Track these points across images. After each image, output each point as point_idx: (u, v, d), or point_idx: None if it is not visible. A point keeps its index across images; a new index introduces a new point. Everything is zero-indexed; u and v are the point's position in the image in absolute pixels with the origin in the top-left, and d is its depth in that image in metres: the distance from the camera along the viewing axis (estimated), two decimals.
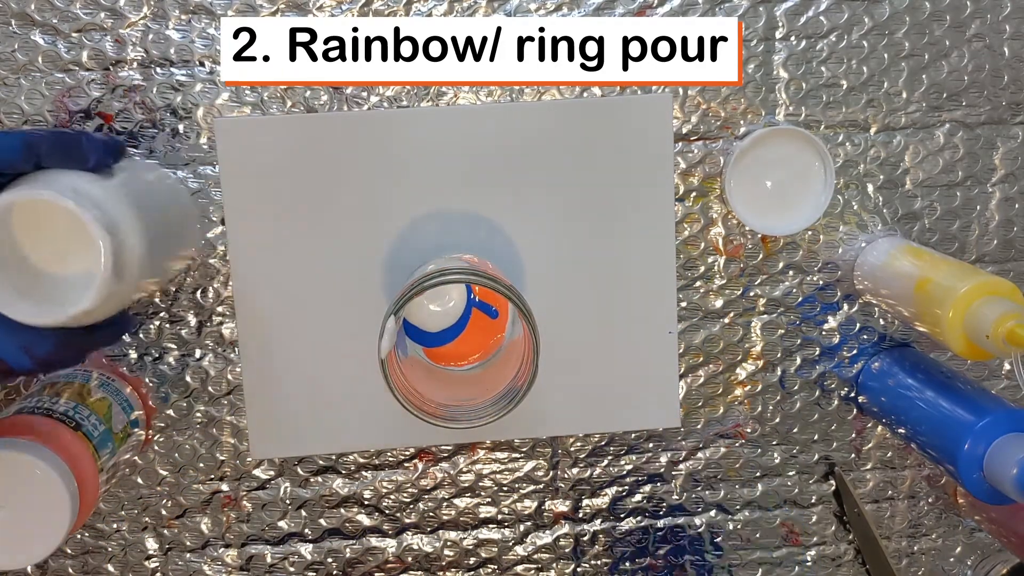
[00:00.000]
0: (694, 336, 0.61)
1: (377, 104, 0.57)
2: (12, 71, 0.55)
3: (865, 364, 0.62)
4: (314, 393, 0.58)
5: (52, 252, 0.44)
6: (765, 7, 0.58)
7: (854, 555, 0.64)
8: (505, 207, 0.58)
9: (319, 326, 0.58)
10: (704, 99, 0.59)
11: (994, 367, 0.63)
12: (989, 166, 0.61)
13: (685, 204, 0.59)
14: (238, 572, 0.62)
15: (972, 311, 0.49)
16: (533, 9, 0.57)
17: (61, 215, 0.42)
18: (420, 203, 0.57)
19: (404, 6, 0.57)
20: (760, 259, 0.61)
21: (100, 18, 0.55)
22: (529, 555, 0.63)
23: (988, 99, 0.60)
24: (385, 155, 0.57)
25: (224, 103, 0.57)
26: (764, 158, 0.58)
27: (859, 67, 0.59)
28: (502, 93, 0.58)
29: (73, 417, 0.51)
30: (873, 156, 0.60)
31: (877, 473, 0.64)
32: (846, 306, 0.62)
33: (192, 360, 0.59)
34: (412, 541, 0.62)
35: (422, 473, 0.62)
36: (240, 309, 0.57)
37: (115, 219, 0.44)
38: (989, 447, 0.50)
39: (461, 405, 0.49)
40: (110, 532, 0.60)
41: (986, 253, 0.62)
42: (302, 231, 0.57)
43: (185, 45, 0.56)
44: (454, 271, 0.48)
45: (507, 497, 0.62)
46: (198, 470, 0.60)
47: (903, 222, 0.61)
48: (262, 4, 0.56)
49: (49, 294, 0.44)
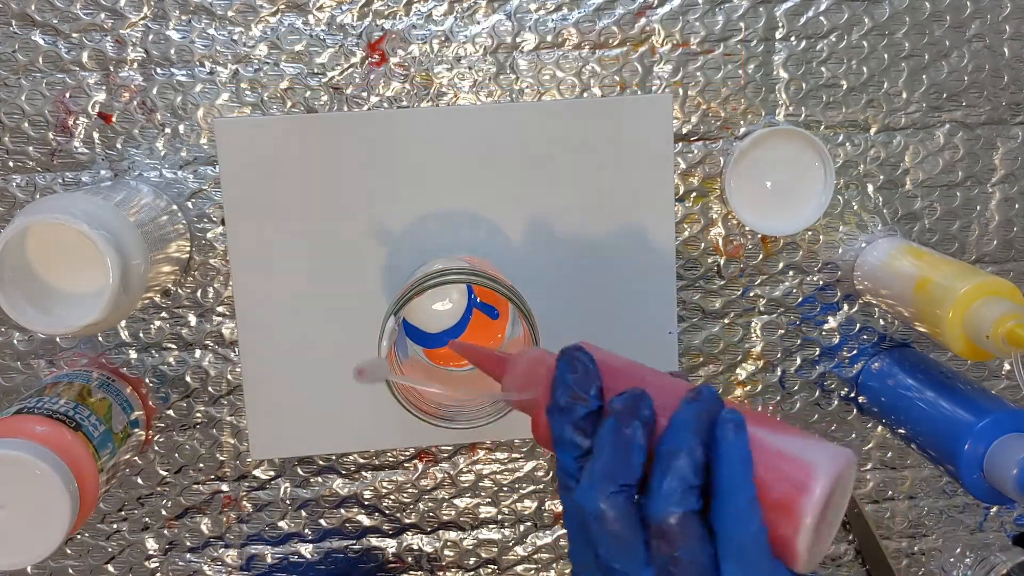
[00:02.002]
0: (694, 336, 0.61)
1: (377, 104, 0.57)
2: (12, 71, 0.55)
3: (865, 364, 0.62)
4: (314, 393, 0.58)
5: (63, 268, 0.49)
6: (765, 7, 0.58)
7: (854, 555, 0.64)
8: (505, 207, 0.58)
9: (319, 326, 0.58)
10: (704, 99, 0.59)
11: (994, 367, 0.63)
12: (989, 166, 0.61)
13: (685, 204, 0.59)
14: (238, 572, 0.62)
15: (972, 311, 0.49)
16: (533, 9, 0.57)
17: (72, 235, 0.47)
18: (420, 203, 0.57)
19: (404, 6, 0.57)
20: (760, 259, 0.61)
21: (100, 18, 0.55)
22: (529, 555, 0.63)
23: (988, 99, 0.60)
24: (385, 155, 0.57)
25: (224, 103, 0.57)
26: (764, 158, 0.58)
27: (859, 67, 0.59)
28: (502, 93, 0.58)
29: (73, 417, 0.51)
30: (873, 156, 0.60)
31: (877, 473, 0.64)
32: (846, 306, 0.62)
33: (192, 360, 0.59)
34: (412, 541, 0.62)
35: (422, 473, 0.62)
36: (240, 309, 0.57)
37: (121, 238, 0.48)
38: (989, 447, 0.50)
39: (461, 405, 0.49)
40: (110, 532, 0.60)
41: (986, 253, 0.62)
42: (302, 231, 0.57)
43: (185, 45, 0.56)
44: (454, 271, 0.48)
45: (507, 497, 0.62)
46: (198, 470, 0.60)
47: (903, 222, 0.61)
48: (262, 4, 0.56)
49: (61, 307, 0.49)
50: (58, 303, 0.49)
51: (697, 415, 0.32)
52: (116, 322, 0.58)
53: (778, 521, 0.31)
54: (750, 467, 0.31)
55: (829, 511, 0.32)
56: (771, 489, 0.31)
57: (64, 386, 0.54)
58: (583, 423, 0.34)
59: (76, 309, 0.48)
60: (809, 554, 0.31)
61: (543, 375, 0.37)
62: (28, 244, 0.49)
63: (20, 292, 0.48)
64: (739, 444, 0.31)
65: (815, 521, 0.31)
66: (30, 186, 0.57)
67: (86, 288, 0.49)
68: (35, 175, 0.57)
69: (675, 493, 0.31)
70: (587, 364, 0.35)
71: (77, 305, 0.49)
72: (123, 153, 0.57)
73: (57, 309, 0.49)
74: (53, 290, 0.50)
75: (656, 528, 0.31)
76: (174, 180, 0.57)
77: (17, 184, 0.57)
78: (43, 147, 0.56)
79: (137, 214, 0.52)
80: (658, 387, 0.35)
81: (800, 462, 0.32)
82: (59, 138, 0.56)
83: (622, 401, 0.33)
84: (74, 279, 0.50)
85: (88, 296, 0.49)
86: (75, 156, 0.57)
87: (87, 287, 0.49)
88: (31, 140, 0.56)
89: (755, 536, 0.31)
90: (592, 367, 0.35)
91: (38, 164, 0.57)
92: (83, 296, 0.49)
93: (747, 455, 0.31)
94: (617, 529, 0.31)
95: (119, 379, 0.57)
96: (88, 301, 0.48)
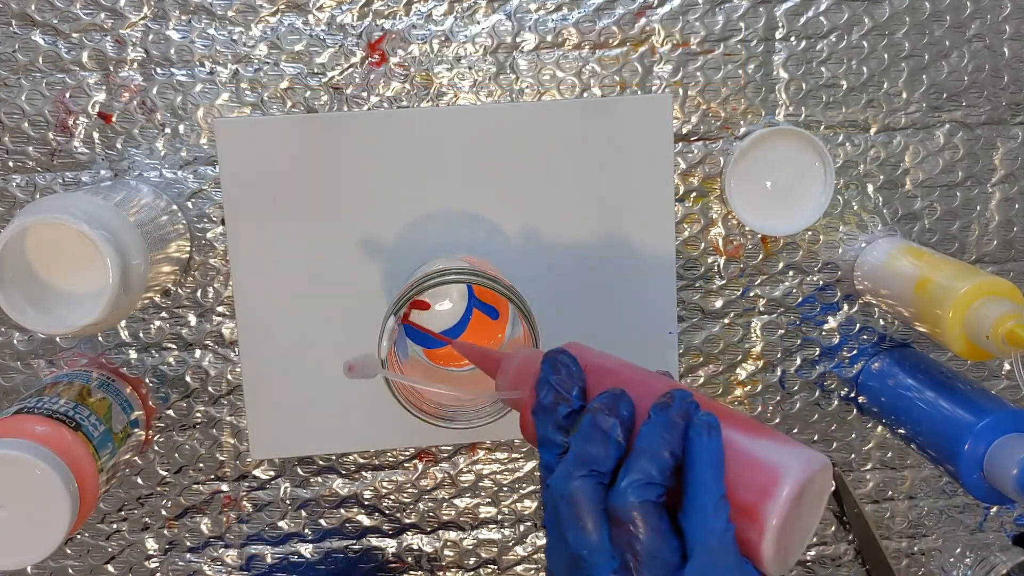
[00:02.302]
0: (694, 336, 0.61)
1: (377, 104, 0.57)
2: (13, 71, 0.55)
3: (865, 364, 0.62)
4: (314, 393, 0.58)
5: (63, 268, 0.49)
6: (765, 7, 0.58)
7: (854, 555, 0.64)
8: (505, 207, 0.58)
9: (319, 326, 0.58)
10: (704, 99, 0.59)
11: (994, 367, 0.63)
12: (989, 166, 0.61)
13: (685, 204, 0.59)
14: (238, 572, 0.62)
15: (972, 311, 0.49)
16: (533, 9, 0.57)
17: (72, 235, 0.47)
18: (420, 203, 0.57)
19: (404, 6, 0.57)
20: (760, 259, 0.61)
21: (100, 18, 0.55)
22: (529, 555, 0.63)
23: (988, 99, 0.60)
24: (385, 155, 0.57)
25: (224, 103, 0.57)
26: (764, 158, 0.58)
27: (859, 67, 0.59)
28: (502, 93, 0.58)
29: (73, 417, 0.51)
30: (873, 156, 0.60)
31: (877, 473, 0.64)
32: (846, 306, 0.62)
33: (192, 360, 0.59)
34: (412, 541, 0.62)
35: (422, 473, 0.62)
36: (240, 309, 0.57)
37: (121, 238, 0.48)
38: (989, 447, 0.50)
39: (461, 405, 0.49)
40: (110, 532, 0.60)
41: (986, 253, 0.62)
42: (302, 231, 0.57)
43: (185, 45, 0.56)
44: (454, 271, 0.48)
45: (507, 497, 0.62)
46: (198, 470, 0.60)
47: (903, 222, 0.61)
48: (262, 4, 0.56)
49: (61, 307, 0.49)
50: (58, 303, 0.49)
51: (669, 418, 0.33)
52: (116, 322, 0.58)
53: (744, 524, 0.32)
54: (721, 469, 0.32)
55: (799, 517, 0.32)
56: (738, 492, 0.32)
57: (64, 386, 0.54)
58: (565, 422, 0.36)
59: (76, 309, 0.48)
60: (777, 557, 0.32)
61: (531, 375, 0.38)
62: (28, 244, 0.49)
63: (20, 292, 0.48)
64: (712, 446, 0.32)
65: (780, 524, 0.31)
66: (30, 186, 0.57)
67: (86, 288, 0.49)
68: (35, 175, 0.57)
69: (635, 484, 0.32)
70: (570, 366, 0.37)
71: (77, 305, 0.49)
72: (123, 153, 0.57)
73: (57, 309, 0.49)
74: (53, 290, 0.49)
75: (614, 516, 0.32)
76: (174, 180, 0.57)
77: (17, 184, 0.57)
78: (43, 147, 0.56)
79: (137, 214, 0.52)
80: (644, 388, 0.36)
81: (769, 466, 0.32)
82: (59, 138, 0.56)
83: (601, 400, 0.35)
84: (74, 279, 0.50)
85: (88, 296, 0.49)
86: (75, 156, 0.57)
87: (87, 287, 0.49)
88: (31, 140, 0.56)
89: (720, 534, 0.31)
90: (575, 368, 0.37)
91: (38, 164, 0.57)
92: (83, 296, 0.49)
93: (718, 457, 0.32)
94: (583, 511, 0.33)
95: (119, 379, 0.57)
96: (88, 301, 0.48)
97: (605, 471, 0.33)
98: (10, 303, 0.47)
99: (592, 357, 0.38)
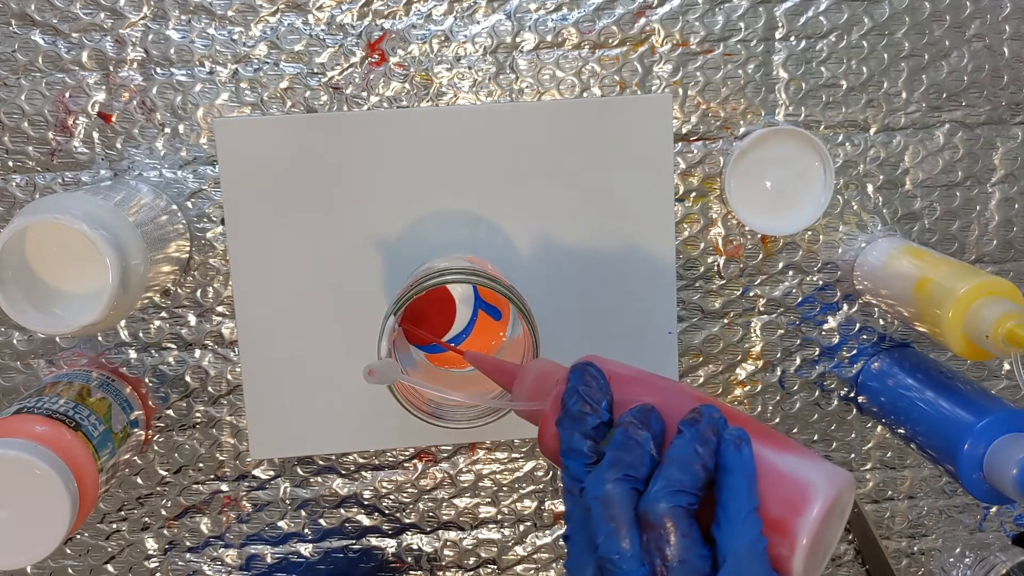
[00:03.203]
0: (694, 336, 0.61)
1: (377, 104, 0.57)
2: (12, 71, 0.55)
3: (865, 364, 0.62)
4: (314, 393, 0.58)
5: (63, 268, 0.50)
6: (765, 7, 0.58)
7: (854, 555, 0.64)
8: (505, 207, 0.58)
9: (319, 326, 0.58)
10: (704, 99, 0.59)
11: (994, 367, 0.63)
12: (989, 166, 0.61)
13: (685, 204, 0.59)
14: (238, 572, 0.62)
15: (972, 311, 0.49)
16: (533, 9, 0.57)
17: (71, 235, 0.47)
18: (420, 203, 0.57)
19: (404, 6, 0.57)
20: (760, 259, 0.61)
21: (100, 18, 0.55)
22: (529, 555, 0.63)
23: (988, 99, 0.60)
24: (385, 155, 0.57)
25: (224, 103, 0.57)
26: (764, 158, 0.58)
27: (859, 67, 0.59)
28: (502, 93, 0.58)
29: (73, 417, 0.51)
30: (873, 156, 0.60)
31: (877, 473, 0.64)
32: (846, 306, 0.62)
33: (192, 360, 0.59)
34: (412, 541, 0.62)
35: (422, 473, 0.62)
36: (240, 309, 0.57)
37: (121, 238, 0.48)
38: (989, 447, 0.50)
39: (461, 405, 0.49)
40: (110, 532, 0.60)
41: (986, 253, 0.62)
42: (302, 231, 0.57)
43: (185, 45, 0.56)
44: (454, 271, 0.48)
45: (507, 497, 0.62)
46: (198, 470, 0.60)
47: (903, 222, 0.61)
48: (262, 4, 0.56)
49: (61, 307, 0.49)
50: (58, 303, 0.49)
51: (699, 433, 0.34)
52: (116, 322, 0.58)
53: (775, 540, 0.32)
54: (754, 481, 0.33)
55: (826, 532, 0.33)
56: (768, 508, 0.32)
57: (64, 386, 0.54)
58: (593, 433, 0.36)
59: (76, 309, 0.48)
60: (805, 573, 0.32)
61: (552, 387, 0.38)
62: (28, 244, 0.49)
63: (20, 292, 0.48)
64: (744, 459, 0.33)
65: (811, 542, 0.31)
66: (30, 186, 0.57)
67: (86, 288, 0.49)
68: (35, 175, 0.57)
69: (666, 490, 0.32)
70: (598, 378, 0.37)
71: (77, 305, 0.49)
72: (123, 153, 0.57)
73: (57, 309, 0.49)
74: (53, 290, 0.50)
75: (645, 521, 0.32)
76: (174, 180, 0.57)
77: (17, 184, 0.57)
78: (43, 147, 0.56)
79: (137, 214, 0.52)
80: (670, 400, 0.36)
81: (799, 482, 0.32)
82: (59, 138, 0.56)
83: (632, 414, 0.35)
84: (74, 279, 0.50)
85: (88, 296, 0.49)
86: (75, 156, 0.57)
87: (87, 287, 0.49)
88: (31, 140, 0.56)
89: (752, 545, 0.32)
90: (603, 381, 0.37)
91: (38, 164, 0.57)
92: (83, 296, 0.49)
93: (752, 470, 0.33)
94: (617, 513, 0.33)
95: (119, 379, 0.57)
96: (88, 301, 0.48)
97: (640, 476, 0.33)
98: (10, 303, 0.47)
99: (614, 368, 0.38)
